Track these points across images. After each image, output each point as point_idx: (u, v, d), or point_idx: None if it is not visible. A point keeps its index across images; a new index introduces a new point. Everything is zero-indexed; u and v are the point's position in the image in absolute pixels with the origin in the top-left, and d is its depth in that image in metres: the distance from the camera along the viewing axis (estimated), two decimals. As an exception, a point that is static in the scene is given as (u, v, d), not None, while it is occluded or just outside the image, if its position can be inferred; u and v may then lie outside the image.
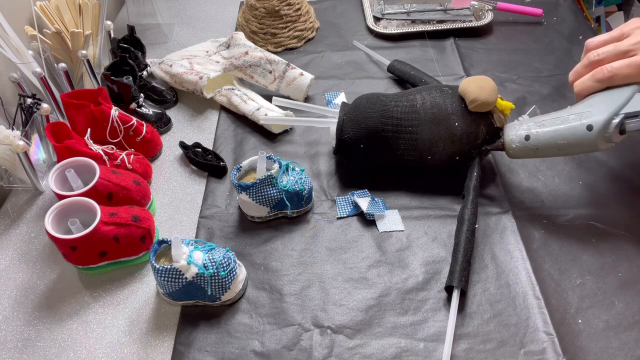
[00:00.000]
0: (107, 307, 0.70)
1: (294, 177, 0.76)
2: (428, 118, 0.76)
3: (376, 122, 0.77)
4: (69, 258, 0.70)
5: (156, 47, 1.15)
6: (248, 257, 0.75)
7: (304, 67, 1.03)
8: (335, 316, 0.68)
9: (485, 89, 0.74)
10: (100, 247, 0.69)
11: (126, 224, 0.69)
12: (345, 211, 0.79)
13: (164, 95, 0.99)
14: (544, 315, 0.66)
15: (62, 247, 0.68)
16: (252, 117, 0.92)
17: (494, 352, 0.63)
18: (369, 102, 0.79)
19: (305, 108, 0.88)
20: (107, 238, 0.68)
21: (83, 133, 0.81)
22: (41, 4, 0.92)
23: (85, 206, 0.69)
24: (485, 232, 0.76)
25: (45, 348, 0.66)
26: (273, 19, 1.09)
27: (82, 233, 0.65)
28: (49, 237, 0.66)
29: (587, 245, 0.74)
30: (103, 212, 0.68)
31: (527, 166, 0.85)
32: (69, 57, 0.94)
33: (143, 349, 0.66)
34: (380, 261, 0.73)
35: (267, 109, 0.92)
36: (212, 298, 0.67)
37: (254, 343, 0.65)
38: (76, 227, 0.68)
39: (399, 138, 0.77)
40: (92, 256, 0.69)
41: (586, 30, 1.12)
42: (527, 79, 1.01)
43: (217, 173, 0.86)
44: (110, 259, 0.71)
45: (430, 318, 0.67)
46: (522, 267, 0.71)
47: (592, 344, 0.64)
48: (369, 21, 1.16)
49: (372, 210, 0.77)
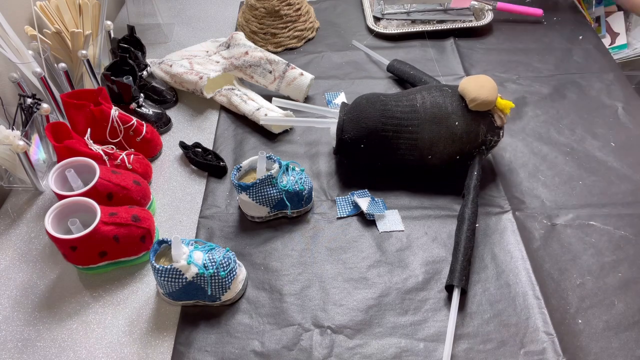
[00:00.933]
0: (107, 307, 0.70)
1: (294, 177, 0.76)
2: (428, 118, 0.76)
3: (376, 122, 0.77)
4: (69, 258, 0.70)
5: (156, 47, 1.15)
6: (248, 257, 0.75)
7: (304, 67, 1.03)
8: (335, 316, 0.68)
9: (485, 87, 0.73)
10: (100, 247, 0.69)
11: (126, 224, 0.69)
12: (345, 211, 0.79)
13: (164, 95, 0.99)
14: (544, 315, 0.66)
15: (62, 247, 0.68)
16: (252, 117, 0.92)
17: (494, 352, 0.63)
18: (369, 102, 0.79)
19: (305, 109, 0.88)
20: (107, 238, 0.68)
21: (83, 133, 0.81)
22: (41, 4, 0.92)
23: (85, 206, 0.69)
24: (485, 232, 0.76)
25: (45, 348, 0.66)
26: (273, 19, 1.09)
27: (82, 233, 0.65)
28: (49, 237, 0.66)
29: (587, 245, 0.74)
30: (103, 212, 0.68)
31: (527, 166, 0.85)
32: (69, 57, 0.94)
33: (143, 348, 0.66)
34: (380, 261, 0.73)
35: (267, 109, 0.92)
36: (212, 298, 0.67)
37: (254, 343, 0.65)
38: (76, 227, 0.68)
39: (399, 138, 0.77)
40: (92, 256, 0.69)
41: (586, 30, 1.12)
42: (527, 79, 1.01)
43: (217, 173, 0.86)
44: (110, 259, 0.71)
45: (430, 318, 0.67)
46: (522, 267, 0.71)
47: (592, 344, 0.64)
48: (369, 21, 1.16)
49: (372, 210, 0.77)
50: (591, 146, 0.87)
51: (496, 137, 0.77)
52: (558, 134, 0.90)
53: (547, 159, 0.86)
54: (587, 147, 0.87)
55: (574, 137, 0.89)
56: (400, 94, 0.81)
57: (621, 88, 0.98)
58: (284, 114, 0.91)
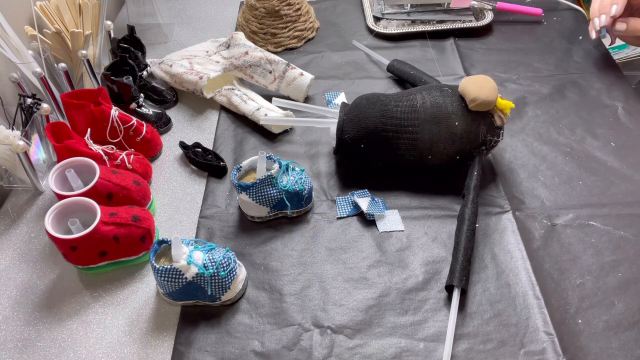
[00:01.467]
0: (107, 307, 0.70)
1: (294, 177, 0.76)
2: (428, 118, 0.76)
3: (376, 122, 0.77)
4: (69, 258, 0.70)
5: (156, 47, 1.15)
6: (248, 257, 0.75)
7: (304, 67, 1.03)
8: (335, 316, 0.68)
9: (485, 88, 0.73)
10: (100, 247, 0.69)
11: (126, 224, 0.69)
12: (345, 211, 0.79)
13: (164, 95, 0.99)
14: (544, 315, 0.66)
15: (62, 247, 0.68)
16: (252, 117, 0.92)
17: (494, 352, 0.63)
18: (369, 102, 0.79)
19: (305, 109, 0.88)
20: (107, 238, 0.68)
21: (83, 133, 0.81)
22: (41, 4, 0.92)
23: (85, 206, 0.69)
24: (485, 232, 0.76)
25: (45, 348, 0.66)
26: (273, 19, 1.09)
27: (82, 233, 0.65)
28: (49, 237, 0.66)
29: (587, 245, 0.74)
30: (103, 212, 0.68)
31: (527, 166, 0.85)
32: (69, 57, 0.94)
33: (143, 348, 0.66)
34: (380, 261, 0.73)
35: (267, 109, 0.92)
36: (212, 298, 0.67)
37: (254, 343, 0.65)
38: (76, 227, 0.68)
39: (399, 138, 0.77)
40: (92, 256, 0.69)
41: (586, 30, 1.12)
42: (527, 79, 1.01)
43: (217, 173, 0.86)
44: (110, 259, 0.71)
45: (430, 318, 0.67)
46: (522, 267, 0.71)
47: (592, 344, 0.64)
48: (369, 21, 1.16)
49: (372, 210, 0.77)
50: (591, 146, 0.87)
51: (496, 137, 0.77)
52: (558, 134, 0.90)
53: (547, 159, 0.86)
54: (587, 147, 0.87)
55: (574, 137, 0.89)
56: (400, 94, 0.81)
57: (621, 88, 0.98)
58: (284, 114, 0.91)
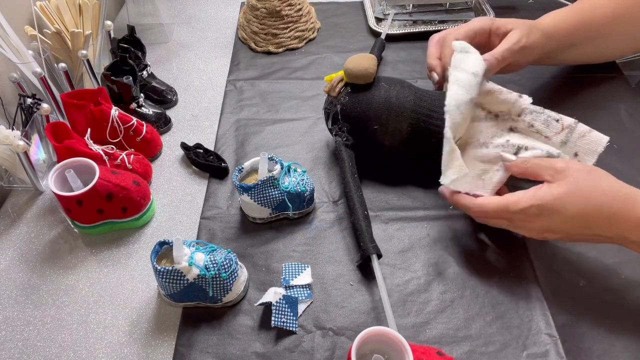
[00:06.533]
0: (108, 307, 0.70)
1: (295, 178, 0.76)
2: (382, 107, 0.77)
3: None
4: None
5: (156, 47, 1.14)
6: (249, 259, 0.74)
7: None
8: (336, 318, 0.67)
9: (359, 63, 0.77)
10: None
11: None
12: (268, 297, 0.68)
13: (164, 95, 0.99)
14: (547, 317, 0.66)
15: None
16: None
17: (496, 355, 0.63)
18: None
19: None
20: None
21: (83, 133, 0.80)
22: (41, 4, 0.91)
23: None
24: (486, 233, 0.76)
25: (45, 348, 0.66)
26: (274, 19, 1.09)
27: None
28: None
29: (590, 247, 0.73)
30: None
31: (529, 167, 0.84)
32: (69, 57, 0.94)
33: (143, 349, 0.65)
34: (382, 263, 0.73)
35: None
36: (214, 299, 0.67)
37: (256, 345, 0.65)
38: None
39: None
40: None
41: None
42: (528, 80, 1.01)
43: (218, 174, 0.86)
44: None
45: (433, 320, 0.67)
46: (525, 268, 0.71)
47: (595, 347, 0.64)
48: (371, 22, 1.16)
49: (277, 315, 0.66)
50: (593, 147, 0.87)
51: None
52: (560, 135, 0.90)
53: (548, 160, 0.85)
54: (589, 149, 0.87)
55: (575, 139, 0.89)
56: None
57: (622, 88, 0.98)
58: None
